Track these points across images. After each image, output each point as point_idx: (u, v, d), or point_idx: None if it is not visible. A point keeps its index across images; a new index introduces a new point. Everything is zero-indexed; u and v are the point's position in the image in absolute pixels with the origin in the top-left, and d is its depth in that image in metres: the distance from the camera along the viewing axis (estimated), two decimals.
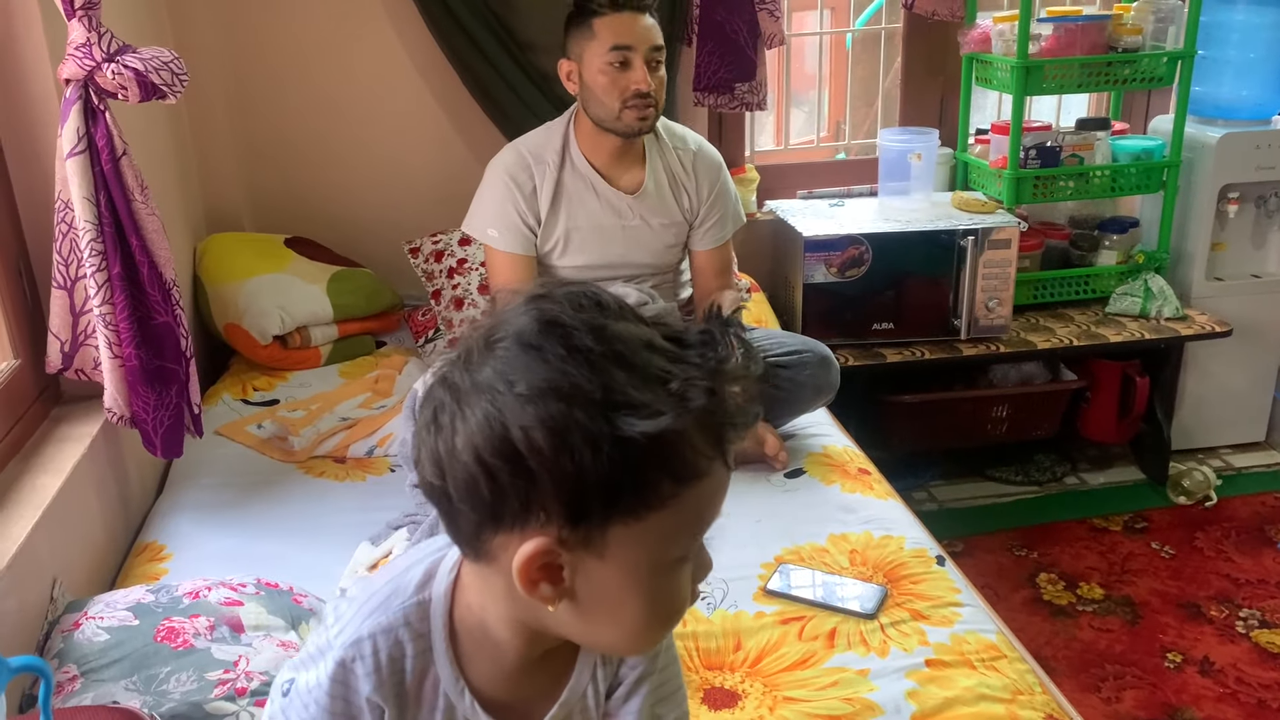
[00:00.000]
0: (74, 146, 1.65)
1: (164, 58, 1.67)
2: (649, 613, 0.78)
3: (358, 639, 0.85)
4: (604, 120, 2.11)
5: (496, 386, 0.72)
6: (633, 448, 0.69)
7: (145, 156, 2.29)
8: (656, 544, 0.75)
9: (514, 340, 0.73)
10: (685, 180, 2.22)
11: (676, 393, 0.71)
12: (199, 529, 1.88)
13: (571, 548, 0.73)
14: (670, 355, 0.73)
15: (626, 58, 2.04)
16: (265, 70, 2.73)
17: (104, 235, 1.69)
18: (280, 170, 2.81)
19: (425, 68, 2.78)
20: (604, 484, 0.70)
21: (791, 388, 2.12)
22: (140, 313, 1.76)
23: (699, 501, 0.75)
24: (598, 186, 2.16)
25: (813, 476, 2.04)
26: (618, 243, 2.19)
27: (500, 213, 2.16)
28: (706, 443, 0.73)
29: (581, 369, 0.71)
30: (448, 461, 0.74)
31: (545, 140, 2.19)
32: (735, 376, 0.74)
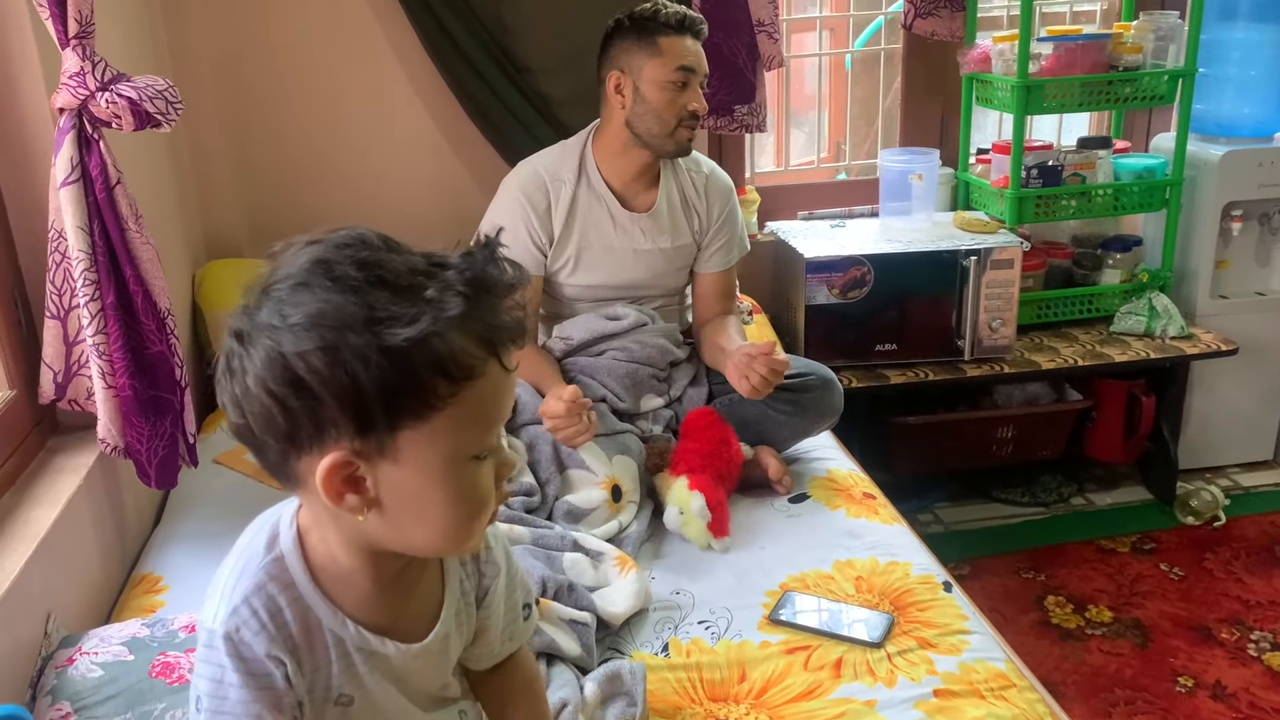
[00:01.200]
0: (67, 176, 1.63)
1: (158, 86, 1.66)
2: (453, 509, 0.86)
3: (234, 609, 0.90)
4: (653, 135, 2.09)
5: (273, 323, 0.80)
6: (400, 355, 0.78)
7: (143, 184, 2.29)
8: (447, 441, 0.83)
9: (285, 282, 0.81)
10: (696, 201, 2.22)
11: (433, 300, 0.79)
12: (195, 560, 1.85)
13: (367, 456, 0.82)
14: (430, 274, 0.82)
15: (688, 79, 2.05)
16: (263, 96, 2.72)
17: (98, 265, 1.68)
18: (279, 195, 2.80)
19: (424, 91, 2.78)
20: (382, 392, 0.78)
21: (794, 411, 2.09)
22: (134, 342, 1.74)
23: (480, 400, 0.83)
24: (612, 208, 2.16)
25: (817, 501, 2.01)
26: (627, 264, 2.18)
27: (511, 230, 2.14)
28: (474, 344, 0.81)
29: (346, 295, 0.79)
30: (244, 400, 0.81)
31: (561, 158, 2.18)
32: (494, 285, 0.83)
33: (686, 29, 2.06)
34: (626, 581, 1.67)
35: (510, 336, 0.84)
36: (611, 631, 1.63)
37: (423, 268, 0.82)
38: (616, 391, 2.07)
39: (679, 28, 2.06)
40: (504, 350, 0.83)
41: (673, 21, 2.05)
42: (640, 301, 2.22)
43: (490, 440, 0.86)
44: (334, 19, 2.69)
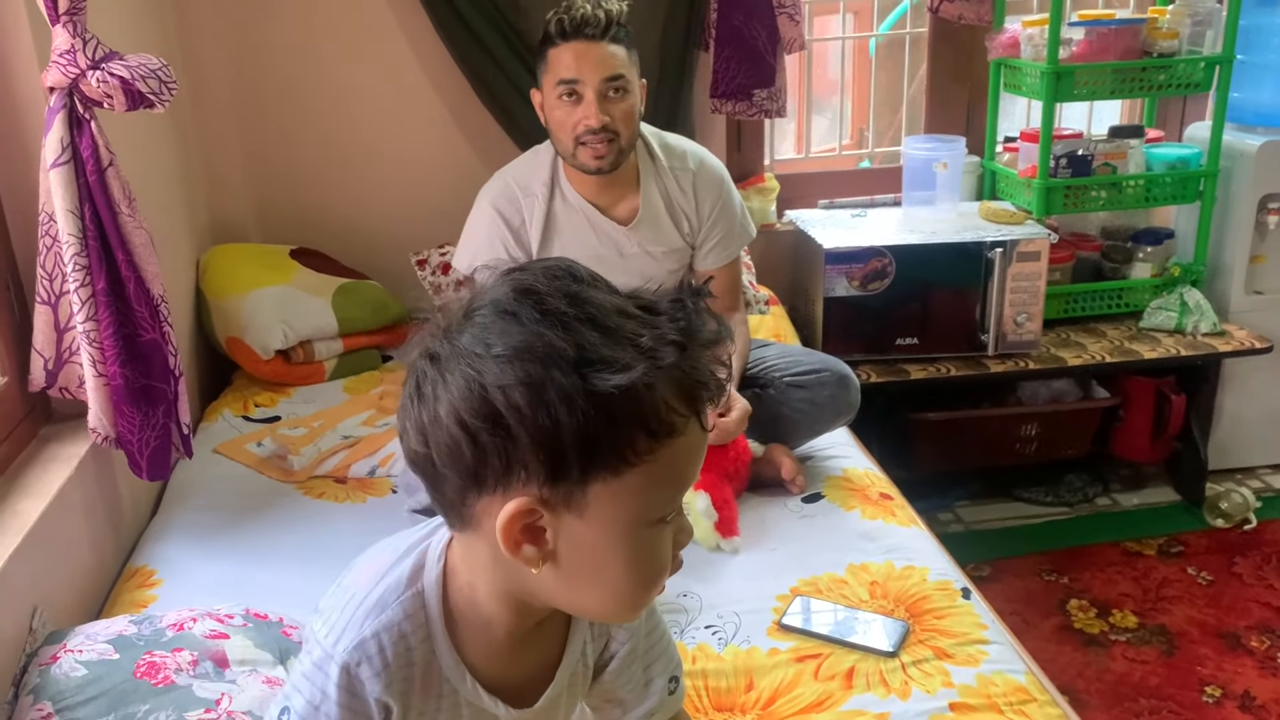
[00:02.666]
0: (58, 157, 1.58)
1: (151, 65, 1.60)
2: (630, 574, 0.80)
3: (360, 641, 0.85)
4: (565, 157, 2.00)
5: (475, 350, 0.74)
6: (607, 402, 0.72)
7: (145, 166, 2.24)
8: (636, 501, 0.77)
9: (491, 308, 0.76)
10: (684, 203, 2.10)
11: (647, 349, 0.74)
12: (190, 554, 1.81)
13: (553, 507, 0.76)
14: (641, 319, 0.76)
15: (574, 90, 1.91)
16: (273, 78, 2.67)
17: (88, 249, 1.63)
18: (287, 180, 2.75)
19: (436, 75, 2.72)
20: (581, 439, 0.72)
21: (809, 408, 2.02)
22: (126, 330, 1.69)
23: (675, 459, 0.77)
24: (592, 218, 2.05)
25: (831, 502, 1.94)
26: (618, 273, 2.05)
27: (488, 249, 2.05)
28: (680, 400, 0.76)
29: (555, 330, 0.73)
30: (431, 428, 0.76)
31: (532, 169, 2.08)
32: (705, 340, 0.78)
33: (571, 34, 1.89)
34: None
35: (713, 395, 0.79)
36: None
37: (632, 311, 0.77)
38: None
39: (561, 34, 1.90)
40: (704, 409, 0.78)
41: (555, 28, 1.91)
42: None
43: (677, 503, 0.81)
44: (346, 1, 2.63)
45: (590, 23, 1.89)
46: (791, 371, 2.04)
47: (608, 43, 1.92)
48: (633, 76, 1.96)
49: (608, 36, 1.92)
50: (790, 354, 2.12)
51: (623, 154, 1.98)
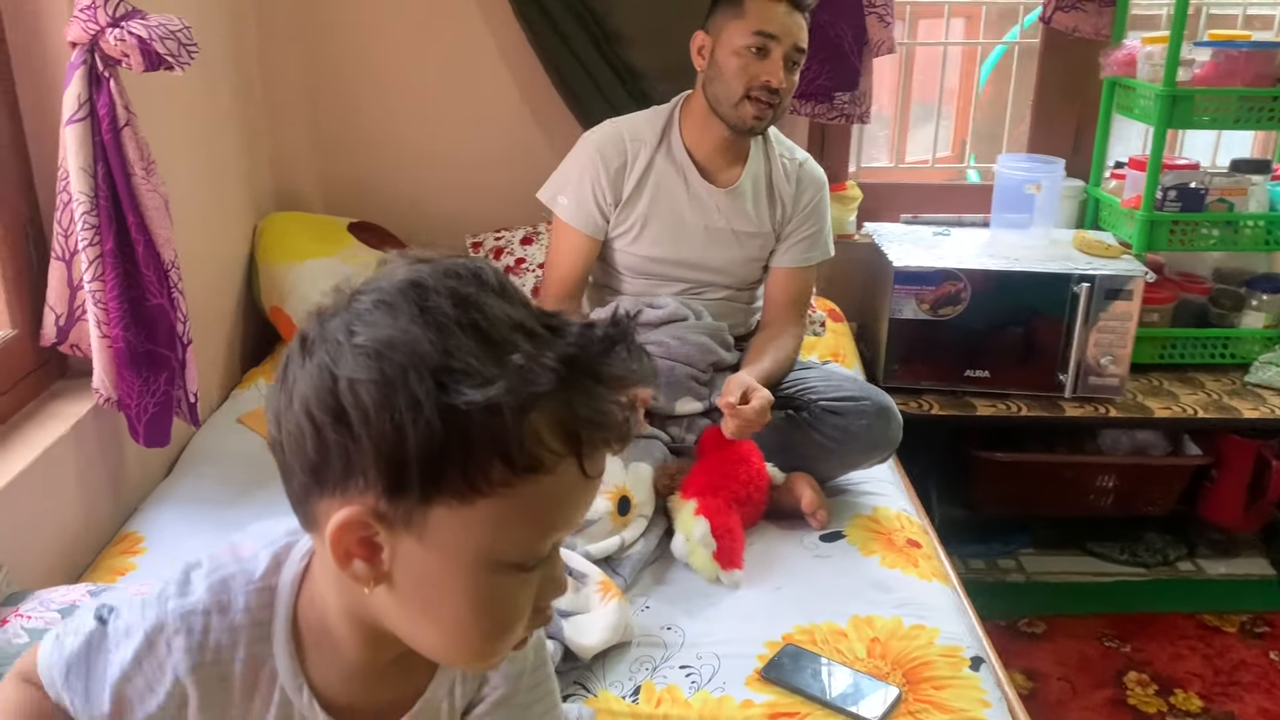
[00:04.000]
0: (74, 113, 1.57)
1: (172, 26, 1.57)
2: (472, 618, 0.72)
3: (189, 611, 0.79)
4: (720, 104, 1.93)
5: (337, 338, 0.68)
6: (460, 418, 0.65)
7: (204, 130, 2.24)
8: (484, 537, 0.69)
9: (372, 296, 0.70)
10: (783, 187, 2.03)
11: (517, 368, 0.66)
12: (184, 523, 1.78)
13: (390, 523, 0.69)
14: (532, 335, 0.69)
15: (767, 46, 1.86)
16: (345, 48, 2.65)
17: (99, 209, 1.60)
18: (353, 153, 2.73)
19: (510, 56, 2.65)
20: (426, 453, 0.65)
21: (841, 438, 1.88)
22: (133, 293, 1.67)
23: (538, 499, 0.69)
24: (689, 177, 1.99)
25: (851, 543, 1.80)
26: (697, 241, 2.01)
27: (577, 183, 2.01)
28: (555, 436, 0.67)
29: (428, 331, 0.66)
30: (284, 414, 0.71)
31: (648, 120, 2.04)
32: (603, 375, 0.69)
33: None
34: (605, 611, 1.50)
35: (607, 437, 0.70)
36: (580, 665, 1.47)
37: (532, 327, 0.69)
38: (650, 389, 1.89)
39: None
40: (590, 451, 0.69)
41: None
42: (701, 289, 2.05)
43: (540, 549, 0.72)
44: None
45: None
46: (828, 396, 1.90)
47: (805, 15, 1.89)
48: None
49: (805, 10, 1.88)
50: (832, 378, 1.98)
51: (774, 121, 1.96)
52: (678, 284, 2.06)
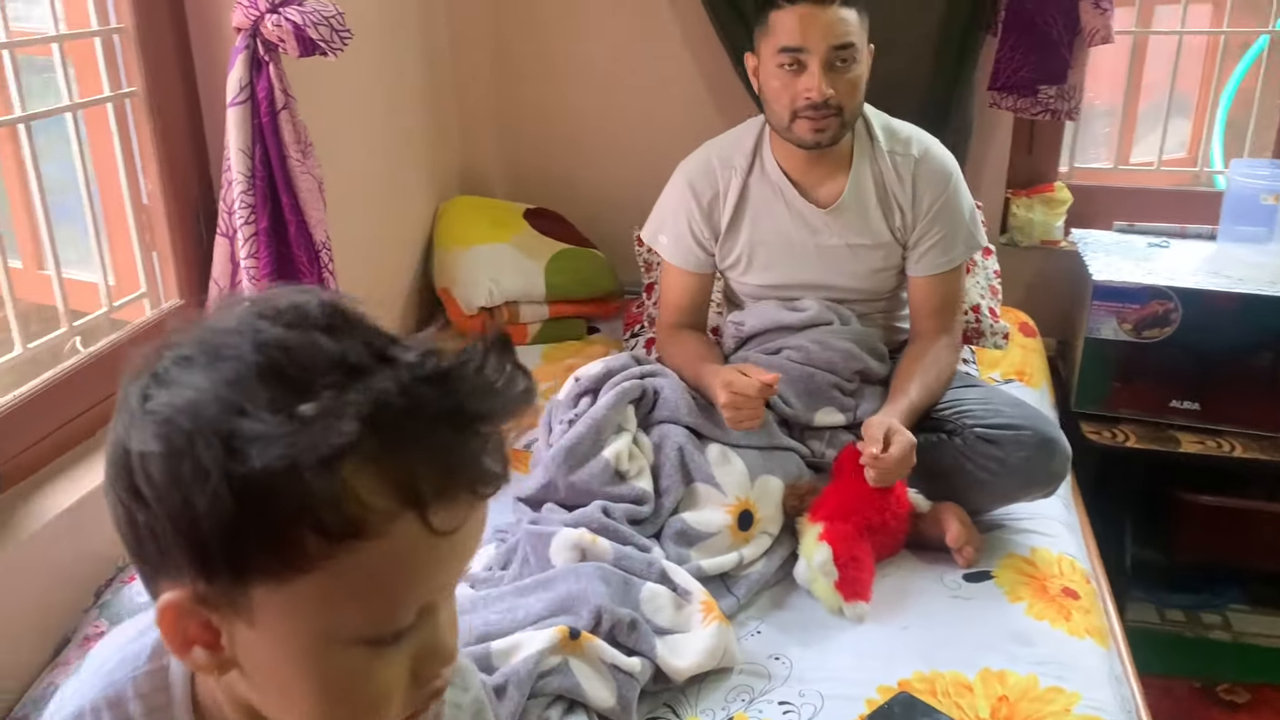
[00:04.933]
0: (235, 96, 1.63)
1: (326, 12, 1.60)
2: (324, 703, 0.63)
3: (75, 715, 0.71)
4: (777, 129, 1.82)
5: (132, 403, 0.60)
6: (252, 486, 0.55)
7: (390, 112, 2.30)
8: (316, 617, 0.60)
9: (175, 350, 0.61)
10: (899, 192, 1.85)
11: (316, 417, 0.56)
12: None
13: (216, 607, 0.60)
14: (358, 376, 0.58)
15: (798, 60, 1.72)
16: (533, 34, 2.66)
17: (255, 189, 1.66)
18: (536, 138, 2.74)
19: (697, 48, 2.58)
20: (223, 531, 0.56)
21: (996, 469, 1.70)
22: (285, 272, 1.72)
23: (371, 568, 0.58)
24: (788, 196, 1.86)
25: (998, 585, 1.63)
26: (810, 262, 1.88)
27: (674, 221, 1.93)
28: (380, 492, 0.57)
29: (222, 387, 0.58)
30: (105, 492, 0.63)
31: (737, 140, 1.92)
32: (453, 414, 0.59)
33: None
34: (704, 634, 1.42)
35: (453, 485, 0.60)
36: (671, 687, 1.40)
37: (356, 361, 0.59)
38: (785, 396, 1.78)
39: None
40: (434, 503, 0.59)
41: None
42: (842, 305, 1.91)
43: (397, 620, 0.62)
44: None
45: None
46: (986, 421, 1.72)
47: (838, 6, 1.72)
48: (862, 44, 1.77)
49: (840, 1, 1.72)
50: (994, 401, 1.79)
51: (844, 128, 1.80)
52: (803, 298, 1.93)
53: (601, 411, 1.65)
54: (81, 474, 1.50)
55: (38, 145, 1.57)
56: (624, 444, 1.64)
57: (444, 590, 0.64)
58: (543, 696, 1.28)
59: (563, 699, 1.29)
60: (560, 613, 1.38)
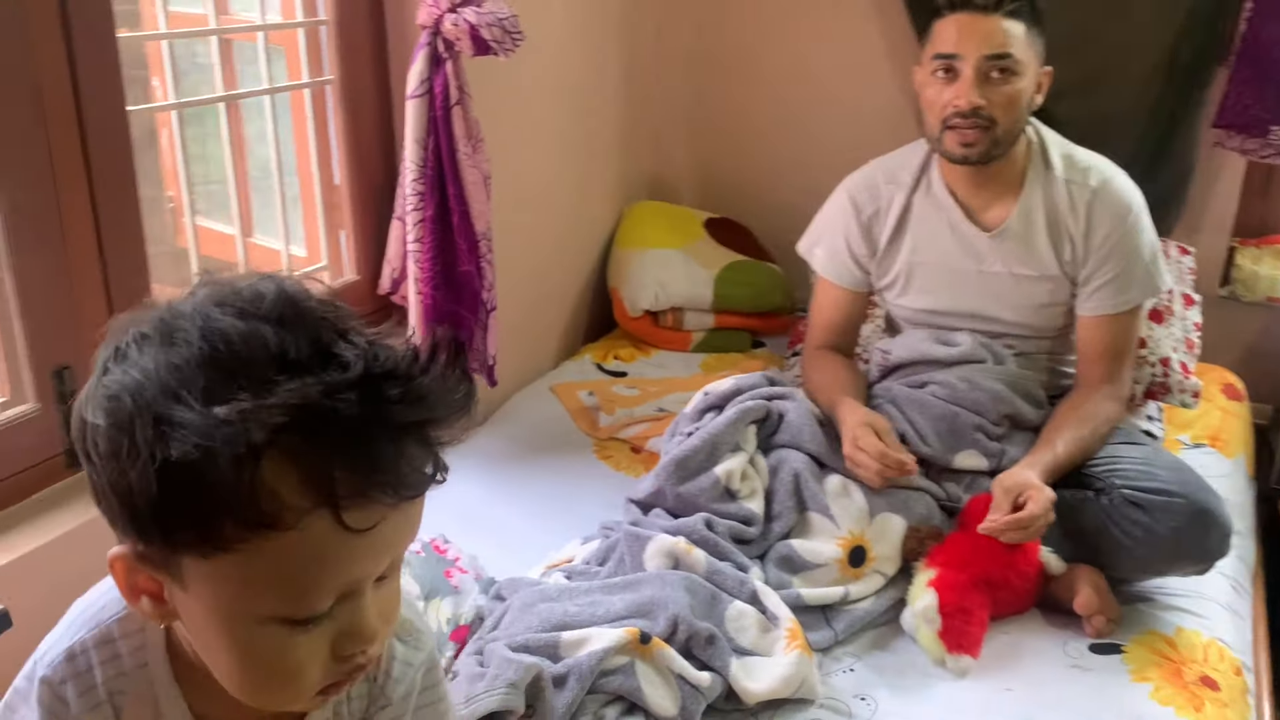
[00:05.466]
0: (415, 90, 1.74)
1: (500, 14, 1.68)
2: (241, 668, 0.68)
3: (67, 654, 0.77)
4: (931, 142, 1.76)
5: (95, 376, 0.66)
6: (177, 470, 0.60)
7: (584, 115, 2.38)
8: (235, 593, 0.65)
9: (136, 328, 0.66)
10: (1071, 224, 1.73)
11: (241, 412, 0.59)
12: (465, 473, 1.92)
13: (155, 566, 0.66)
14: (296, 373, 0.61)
15: (951, 66, 1.66)
16: (730, 41, 2.68)
17: (425, 178, 1.77)
18: (727, 146, 2.76)
19: (901, 62, 2.51)
20: (153, 506, 0.61)
21: (1143, 537, 1.55)
22: (446, 257, 1.82)
23: (286, 559, 0.62)
24: (952, 217, 1.79)
25: (1126, 662, 1.50)
26: (971, 289, 1.79)
27: (830, 234, 1.89)
28: (295, 489, 0.61)
29: (165, 370, 0.62)
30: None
31: (905, 156, 1.86)
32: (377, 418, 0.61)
33: (965, 4, 1.66)
34: (783, 661, 1.38)
35: (367, 486, 0.62)
36: (741, 708, 1.38)
37: (298, 357, 0.63)
38: (924, 433, 1.71)
39: (954, 4, 1.68)
40: (349, 503, 0.62)
41: (944, 0, 1.69)
42: (1001, 339, 1.81)
43: (313, 605, 0.66)
44: None
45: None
46: (1137, 483, 1.58)
47: (1001, 17, 1.66)
48: (1026, 58, 1.68)
49: (1002, 9, 1.66)
50: (1152, 463, 1.63)
51: (998, 145, 1.70)
52: (956, 332, 1.84)
53: (718, 428, 1.64)
54: None
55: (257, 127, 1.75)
56: (737, 463, 1.63)
57: (363, 580, 0.67)
58: (602, 694, 1.29)
59: (622, 700, 1.30)
60: (638, 615, 1.38)
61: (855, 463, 1.62)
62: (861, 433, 1.61)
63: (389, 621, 0.71)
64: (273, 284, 0.66)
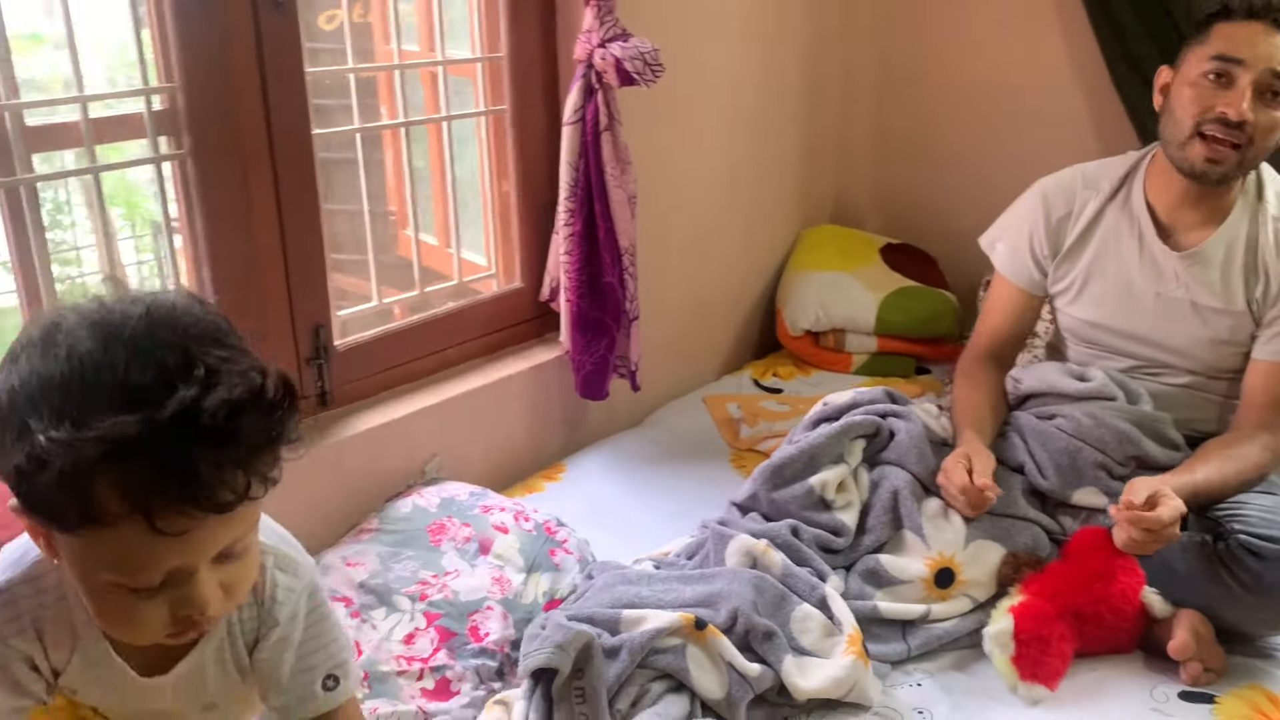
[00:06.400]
0: (570, 117, 1.93)
1: (642, 49, 1.84)
2: (98, 613, 0.85)
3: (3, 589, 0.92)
4: (1170, 145, 1.69)
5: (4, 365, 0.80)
6: (29, 464, 0.74)
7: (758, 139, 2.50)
8: (79, 561, 0.81)
9: (34, 329, 0.80)
10: (1270, 259, 1.67)
11: (60, 440, 0.73)
12: (604, 468, 2.09)
13: (32, 516, 0.80)
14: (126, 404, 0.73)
15: (1229, 71, 1.61)
16: (916, 66, 2.70)
17: (576, 197, 1.95)
18: (913, 172, 2.78)
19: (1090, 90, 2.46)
20: (21, 481, 0.76)
21: (1253, 586, 1.47)
22: (591, 269, 2.00)
23: (114, 547, 0.77)
24: (1145, 233, 1.75)
25: (1216, 714, 1.42)
26: (1143, 310, 1.75)
27: (1015, 230, 1.88)
28: (115, 497, 0.74)
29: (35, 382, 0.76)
30: None
31: (1111, 164, 1.84)
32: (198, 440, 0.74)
33: (1262, 12, 1.61)
34: (837, 663, 1.43)
35: (186, 500, 0.75)
36: (792, 703, 1.44)
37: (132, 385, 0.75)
38: (1044, 466, 1.69)
39: (1248, 10, 1.62)
40: (160, 513, 0.75)
41: (1237, 5, 1.63)
42: (1156, 370, 1.76)
43: (144, 581, 0.80)
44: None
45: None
46: (1256, 530, 1.49)
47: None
48: None
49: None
50: (1278, 513, 1.54)
51: (1240, 169, 1.67)
52: (1126, 359, 1.79)
53: (819, 439, 1.71)
54: (395, 406, 1.89)
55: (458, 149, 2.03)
56: (835, 474, 1.68)
57: (192, 564, 0.81)
58: (652, 669, 1.40)
59: (670, 678, 1.40)
60: (703, 605, 1.48)
61: (944, 492, 1.64)
62: (952, 464, 1.63)
63: (233, 591, 0.85)
64: (141, 307, 0.79)
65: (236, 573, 0.85)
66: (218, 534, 0.81)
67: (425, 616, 1.54)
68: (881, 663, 1.53)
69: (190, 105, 1.56)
